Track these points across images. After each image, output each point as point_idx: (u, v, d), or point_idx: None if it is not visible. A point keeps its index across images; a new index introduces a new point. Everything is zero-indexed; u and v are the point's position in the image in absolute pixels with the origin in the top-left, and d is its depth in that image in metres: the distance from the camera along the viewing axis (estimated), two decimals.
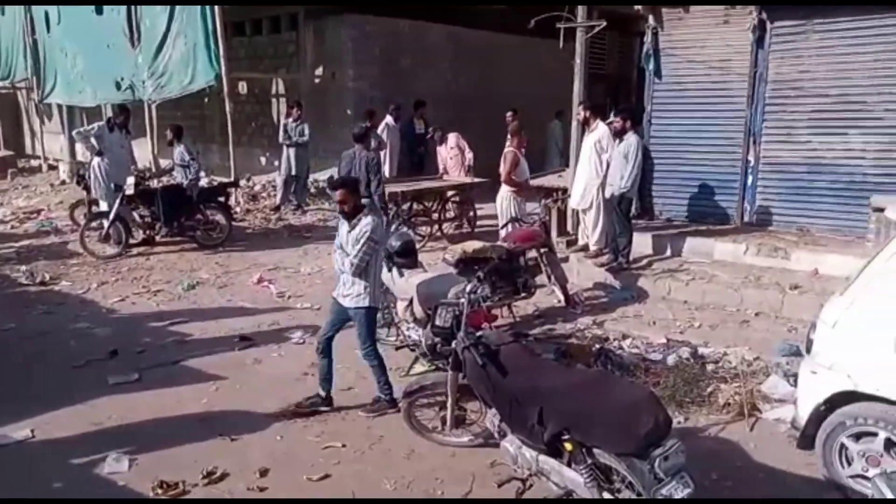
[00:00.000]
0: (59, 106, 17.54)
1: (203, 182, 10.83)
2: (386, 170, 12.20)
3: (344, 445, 4.54)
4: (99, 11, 14.22)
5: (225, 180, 11.53)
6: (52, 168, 17.30)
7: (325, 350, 5.01)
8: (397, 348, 5.75)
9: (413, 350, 5.50)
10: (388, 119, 12.26)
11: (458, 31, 14.63)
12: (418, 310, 5.32)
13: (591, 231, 8.31)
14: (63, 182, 15.56)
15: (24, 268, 8.83)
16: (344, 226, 4.84)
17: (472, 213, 10.58)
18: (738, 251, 7.85)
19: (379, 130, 12.15)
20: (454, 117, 12.60)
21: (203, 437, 4.62)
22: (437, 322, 4.25)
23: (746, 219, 8.57)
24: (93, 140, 10.12)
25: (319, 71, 14.28)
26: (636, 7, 8.85)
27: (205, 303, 7.67)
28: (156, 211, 9.75)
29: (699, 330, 6.55)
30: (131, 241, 9.76)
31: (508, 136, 8.35)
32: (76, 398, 5.17)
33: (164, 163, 12.29)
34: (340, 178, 4.92)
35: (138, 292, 8.01)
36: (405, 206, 9.86)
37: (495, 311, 6.30)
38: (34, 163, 18.73)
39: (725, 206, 8.68)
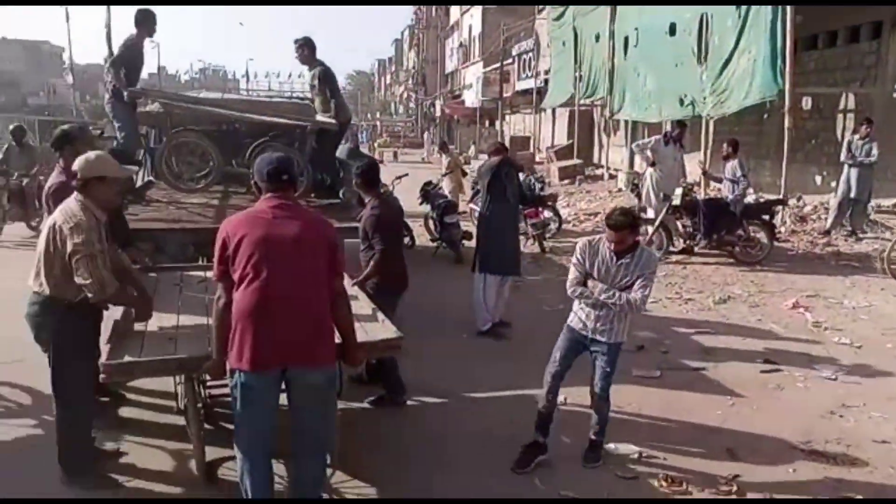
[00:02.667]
0: (625, 121, 19.42)
1: (749, 198, 10.67)
2: None
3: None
4: (672, 32, 15.21)
5: (772, 198, 11.13)
6: (612, 177, 19.30)
7: (557, 390, 4.43)
8: None
9: None
10: None
11: None
12: None
13: None
14: (619, 190, 17.22)
15: None
16: (604, 255, 4.15)
17: None
18: None
19: None
20: None
21: (710, 447, 4.61)
22: None
23: None
24: (648, 152, 10.94)
25: None
26: None
27: (733, 318, 7.59)
28: (697, 222, 10.03)
29: None
30: (671, 248, 10.25)
31: None
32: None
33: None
34: (624, 216, 4.06)
35: (670, 297, 8.40)
36: None
37: None
38: (598, 171, 21.19)
39: None
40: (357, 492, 4.00)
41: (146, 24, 7.62)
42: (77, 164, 3.78)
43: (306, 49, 8.12)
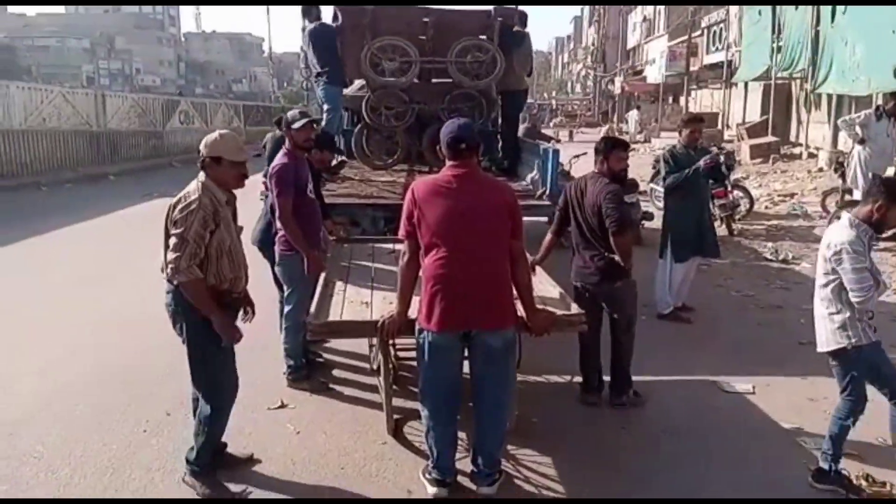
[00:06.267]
0: (829, 95, 17.72)
1: None
2: None
3: None
4: None
5: None
6: (812, 156, 17.75)
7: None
8: None
9: None
10: None
11: None
12: None
13: None
14: (820, 169, 15.84)
15: (769, 245, 9.54)
16: (868, 243, 3.61)
17: None
18: None
19: None
20: None
21: None
22: None
23: None
24: (857, 128, 9.96)
25: None
26: None
27: None
28: None
29: None
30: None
31: None
32: (795, 371, 5.38)
33: None
34: None
35: None
36: None
37: None
38: (795, 150, 19.57)
39: None
40: (532, 460, 4.09)
41: (308, 14, 8.31)
42: (204, 142, 3.58)
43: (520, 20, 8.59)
